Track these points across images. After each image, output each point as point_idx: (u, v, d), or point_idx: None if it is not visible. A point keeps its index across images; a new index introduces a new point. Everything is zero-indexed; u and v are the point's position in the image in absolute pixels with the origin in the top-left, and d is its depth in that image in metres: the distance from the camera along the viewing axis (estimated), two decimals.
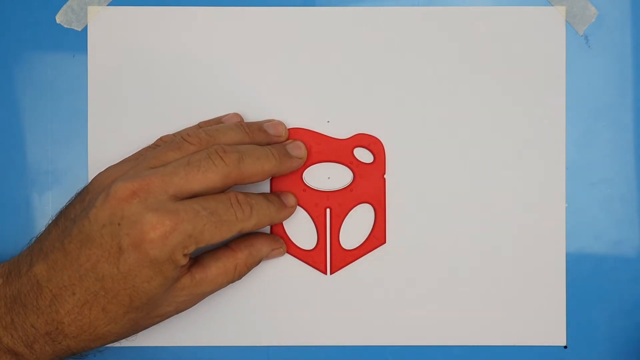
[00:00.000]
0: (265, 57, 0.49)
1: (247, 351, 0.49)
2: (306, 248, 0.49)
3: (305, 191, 0.49)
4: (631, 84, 0.49)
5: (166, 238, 0.40)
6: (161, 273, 0.41)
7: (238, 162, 0.43)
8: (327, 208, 0.49)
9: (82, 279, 0.41)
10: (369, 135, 0.49)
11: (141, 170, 0.42)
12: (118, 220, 0.40)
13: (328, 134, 0.49)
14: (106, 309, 0.41)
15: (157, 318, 0.44)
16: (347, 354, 0.49)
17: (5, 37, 0.49)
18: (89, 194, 0.43)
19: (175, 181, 0.41)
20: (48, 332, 0.42)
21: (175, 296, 0.43)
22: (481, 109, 0.49)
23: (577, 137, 0.49)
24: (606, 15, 0.49)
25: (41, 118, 0.49)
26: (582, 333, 0.49)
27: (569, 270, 0.49)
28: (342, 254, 0.49)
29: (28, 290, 0.42)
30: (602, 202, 0.49)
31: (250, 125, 0.47)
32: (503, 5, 0.49)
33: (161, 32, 0.49)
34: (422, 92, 0.49)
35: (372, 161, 0.49)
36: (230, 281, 0.45)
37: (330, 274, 0.49)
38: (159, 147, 0.45)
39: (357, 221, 0.49)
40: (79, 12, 0.49)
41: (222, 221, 0.42)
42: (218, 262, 0.45)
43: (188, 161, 0.42)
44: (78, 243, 0.41)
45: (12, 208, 0.49)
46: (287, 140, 0.48)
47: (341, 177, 0.49)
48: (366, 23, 0.49)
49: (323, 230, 0.49)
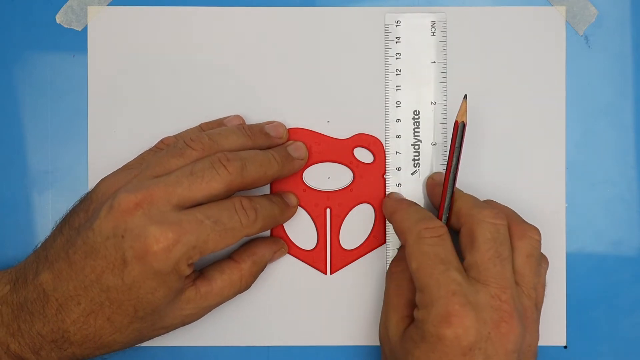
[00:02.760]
0: (265, 57, 0.49)
1: (247, 351, 0.49)
2: (306, 248, 0.49)
3: (305, 191, 0.49)
4: (631, 84, 0.49)
5: (170, 251, 0.40)
6: (165, 284, 0.41)
7: (241, 170, 0.43)
8: (327, 208, 0.49)
9: (88, 289, 0.41)
10: (369, 135, 0.49)
11: (144, 180, 0.42)
12: (122, 232, 0.40)
13: (328, 134, 0.49)
14: (111, 318, 0.42)
15: (162, 330, 0.44)
16: (347, 354, 0.49)
17: (5, 37, 0.49)
18: (93, 203, 0.43)
19: (178, 191, 0.41)
20: (54, 339, 0.42)
21: (181, 309, 0.43)
22: (481, 109, 0.49)
23: (577, 137, 0.49)
24: (606, 15, 0.49)
25: (41, 118, 0.49)
26: (582, 333, 0.49)
27: (569, 270, 0.49)
28: (342, 254, 0.49)
29: (35, 298, 0.42)
30: (602, 202, 0.49)
31: (251, 128, 0.47)
32: (503, 5, 0.49)
33: (161, 32, 0.49)
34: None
35: (372, 161, 0.49)
36: (238, 292, 0.46)
37: (330, 273, 0.49)
38: (162, 152, 0.45)
39: (357, 221, 0.49)
40: (79, 12, 0.49)
41: (226, 229, 0.42)
42: (223, 274, 0.45)
43: (191, 171, 0.42)
44: (83, 254, 0.41)
45: (12, 208, 0.49)
46: (288, 142, 0.48)
47: (341, 177, 0.49)
48: (366, 23, 0.49)
49: (323, 230, 0.49)
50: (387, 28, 0.49)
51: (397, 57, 0.49)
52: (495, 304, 0.41)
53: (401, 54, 0.49)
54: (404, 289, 0.44)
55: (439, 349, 0.40)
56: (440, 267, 0.41)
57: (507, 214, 0.44)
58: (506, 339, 0.40)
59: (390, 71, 0.49)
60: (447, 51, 0.49)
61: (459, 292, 0.40)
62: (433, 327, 0.40)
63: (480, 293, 0.41)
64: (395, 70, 0.49)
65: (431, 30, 0.49)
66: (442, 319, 0.40)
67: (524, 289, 0.43)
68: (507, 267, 0.42)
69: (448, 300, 0.40)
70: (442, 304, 0.40)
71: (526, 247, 0.43)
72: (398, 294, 0.44)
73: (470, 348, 0.40)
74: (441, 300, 0.40)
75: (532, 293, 0.43)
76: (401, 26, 0.49)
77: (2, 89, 0.49)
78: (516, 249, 0.43)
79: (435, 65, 0.49)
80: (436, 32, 0.49)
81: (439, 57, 0.49)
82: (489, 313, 0.40)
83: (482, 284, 0.41)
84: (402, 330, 0.43)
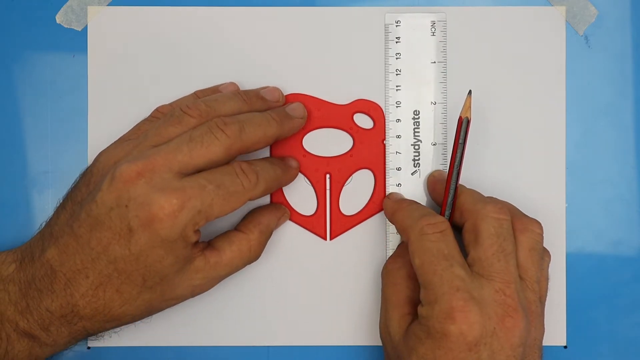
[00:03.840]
0: (266, 57, 0.49)
1: (247, 351, 0.49)
2: (306, 214, 0.49)
3: (305, 157, 0.49)
4: (631, 84, 0.49)
5: (175, 217, 0.40)
6: (173, 252, 0.41)
7: (240, 133, 0.43)
8: (327, 174, 0.49)
9: (95, 262, 0.41)
10: (369, 101, 0.49)
11: (144, 150, 0.43)
12: (125, 202, 0.40)
13: (328, 100, 0.49)
14: (120, 290, 0.42)
15: (172, 300, 0.44)
16: (347, 354, 0.49)
17: (5, 37, 0.49)
18: (94, 176, 0.44)
19: (179, 158, 0.41)
20: (63, 315, 0.42)
21: (191, 279, 0.43)
22: (481, 109, 0.49)
23: (577, 137, 0.49)
24: (606, 15, 0.49)
25: (41, 118, 0.49)
26: (582, 333, 0.49)
27: (569, 270, 0.49)
28: (341, 220, 0.49)
29: (42, 275, 0.42)
30: (602, 202, 0.49)
31: (247, 93, 0.47)
32: (503, 5, 0.49)
33: (161, 32, 0.49)
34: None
35: (372, 127, 0.49)
36: (247, 262, 0.46)
37: (330, 239, 0.49)
38: (159, 121, 0.45)
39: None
40: (79, 12, 0.49)
41: (229, 193, 0.42)
42: (232, 245, 0.45)
43: (190, 137, 0.42)
44: (88, 227, 0.41)
45: (12, 208, 0.49)
46: (286, 104, 0.48)
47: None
48: (366, 23, 0.49)
49: (323, 196, 0.49)
50: (387, 28, 0.49)
51: (397, 57, 0.49)
52: (500, 299, 0.41)
53: (401, 54, 0.49)
54: (402, 286, 0.44)
55: (444, 345, 0.40)
56: (444, 263, 0.41)
57: (509, 208, 0.44)
58: (511, 334, 0.41)
59: (390, 71, 0.49)
60: (447, 51, 0.49)
61: (462, 288, 0.40)
62: (438, 323, 0.40)
63: (485, 288, 0.41)
64: (395, 70, 0.49)
65: (431, 30, 0.49)
66: (446, 315, 0.40)
67: (527, 283, 0.43)
68: (511, 262, 0.42)
69: (452, 296, 0.40)
70: (446, 300, 0.40)
71: (529, 240, 0.43)
72: (396, 291, 0.45)
73: (475, 343, 0.40)
74: (445, 296, 0.40)
75: (535, 287, 0.43)
76: (401, 26, 0.49)
77: (2, 89, 0.49)
78: (519, 243, 0.43)
79: (435, 65, 0.49)
80: (436, 32, 0.49)
81: (439, 57, 0.49)
82: (494, 308, 0.41)
83: (486, 279, 0.41)
84: (404, 328, 0.43)
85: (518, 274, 0.42)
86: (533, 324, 0.43)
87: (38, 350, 0.43)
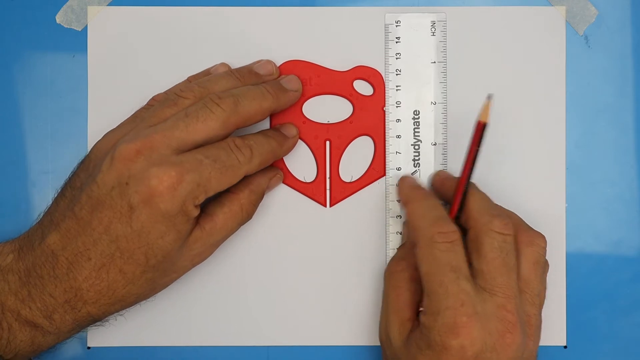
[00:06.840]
0: (266, 57, 0.49)
1: (247, 351, 0.49)
2: (306, 181, 0.49)
3: (305, 123, 0.49)
4: (631, 84, 0.49)
5: (175, 189, 0.40)
6: (174, 227, 0.41)
7: (235, 106, 0.43)
8: (327, 140, 0.49)
9: (97, 242, 0.41)
10: (369, 68, 0.49)
11: (142, 130, 0.43)
12: (125, 180, 0.41)
13: (327, 67, 0.49)
14: (123, 270, 0.42)
15: (174, 274, 0.44)
16: (347, 354, 0.49)
17: (5, 37, 0.49)
18: (92, 161, 0.44)
19: (176, 135, 0.42)
20: (67, 300, 0.42)
21: (190, 249, 0.44)
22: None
23: (577, 137, 0.49)
24: (606, 15, 0.49)
25: (41, 118, 0.49)
26: (582, 333, 0.49)
27: (569, 270, 0.49)
28: (341, 187, 0.49)
29: (43, 261, 0.42)
30: (602, 202, 0.49)
31: (239, 70, 0.47)
32: (503, 5, 0.49)
33: (161, 32, 0.49)
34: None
35: (372, 93, 0.49)
36: (241, 223, 0.46)
37: (329, 206, 0.49)
38: (154, 106, 0.45)
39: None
40: (79, 12, 0.49)
41: (226, 167, 0.42)
42: (223, 207, 0.45)
43: (186, 113, 0.42)
44: (89, 208, 0.41)
45: (12, 208, 0.49)
46: (281, 76, 0.48)
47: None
48: (366, 23, 0.49)
49: (323, 162, 0.49)
50: (387, 28, 0.49)
51: (397, 57, 0.49)
52: (501, 314, 0.41)
53: (401, 54, 0.49)
54: (404, 289, 0.44)
55: (444, 358, 0.40)
56: (451, 275, 0.41)
57: (514, 221, 0.44)
58: (509, 349, 0.41)
59: (390, 71, 0.49)
60: (447, 51, 0.49)
61: (467, 303, 0.40)
62: (439, 336, 0.40)
63: (487, 302, 0.41)
64: (395, 70, 0.49)
65: (431, 30, 0.49)
66: (448, 330, 0.40)
67: (528, 297, 0.43)
68: (513, 277, 0.42)
69: (456, 311, 0.40)
70: (450, 315, 0.40)
71: (533, 254, 0.44)
72: (398, 295, 0.44)
73: (474, 358, 0.40)
74: (449, 310, 0.40)
75: (536, 300, 0.43)
76: (401, 26, 0.49)
77: (2, 89, 0.49)
78: (523, 255, 0.43)
79: (435, 65, 0.49)
80: (436, 32, 0.49)
81: (439, 57, 0.49)
82: (495, 324, 0.41)
83: (488, 293, 0.41)
84: (405, 335, 0.43)
85: (519, 288, 0.43)
86: (531, 337, 0.43)
87: (41, 340, 0.43)
